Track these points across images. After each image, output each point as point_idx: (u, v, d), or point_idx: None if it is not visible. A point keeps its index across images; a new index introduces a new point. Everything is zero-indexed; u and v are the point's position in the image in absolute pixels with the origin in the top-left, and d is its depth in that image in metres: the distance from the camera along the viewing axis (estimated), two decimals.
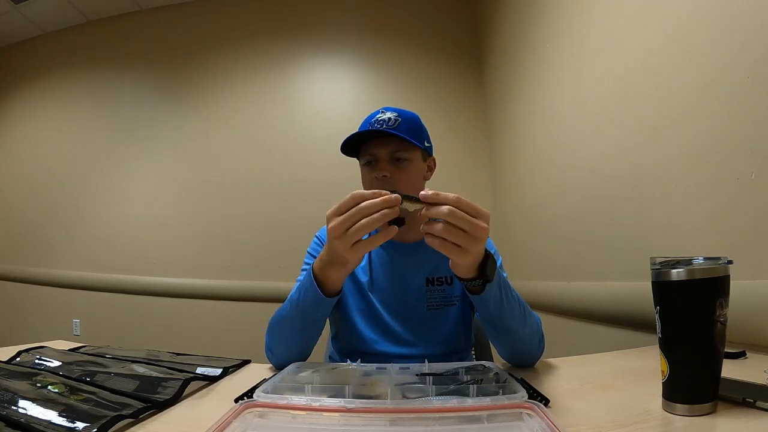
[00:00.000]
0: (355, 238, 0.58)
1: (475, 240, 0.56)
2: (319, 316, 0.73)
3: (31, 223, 3.18)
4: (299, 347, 0.76)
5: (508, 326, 0.71)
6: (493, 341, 0.78)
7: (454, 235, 0.55)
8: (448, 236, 0.55)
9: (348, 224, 0.57)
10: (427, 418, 0.45)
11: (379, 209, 0.57)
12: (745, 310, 0.75)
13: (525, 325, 0.72)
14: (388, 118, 0.85)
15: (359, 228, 0.57)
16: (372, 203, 0.57)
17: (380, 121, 0.85)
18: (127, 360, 0.75)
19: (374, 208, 0.57)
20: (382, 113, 0.86)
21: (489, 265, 0.63)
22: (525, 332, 0.73)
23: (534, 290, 1.79)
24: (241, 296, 2.62)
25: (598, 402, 0.55)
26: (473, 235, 0.55)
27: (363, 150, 0.88)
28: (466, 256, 0.57)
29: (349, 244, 0.58)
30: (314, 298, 0.69)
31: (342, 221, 0.58)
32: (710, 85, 0.91)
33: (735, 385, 0.52)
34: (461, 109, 2.60)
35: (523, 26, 1.92)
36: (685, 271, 0.47)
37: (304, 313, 0.72)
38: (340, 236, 0.58)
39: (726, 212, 0.88)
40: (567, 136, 1.56)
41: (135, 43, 3.10)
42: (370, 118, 0.87)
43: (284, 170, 2.70)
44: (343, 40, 2.78)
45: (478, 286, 0.64)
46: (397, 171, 0.85)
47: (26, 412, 0.49)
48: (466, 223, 0.55)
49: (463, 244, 0.56)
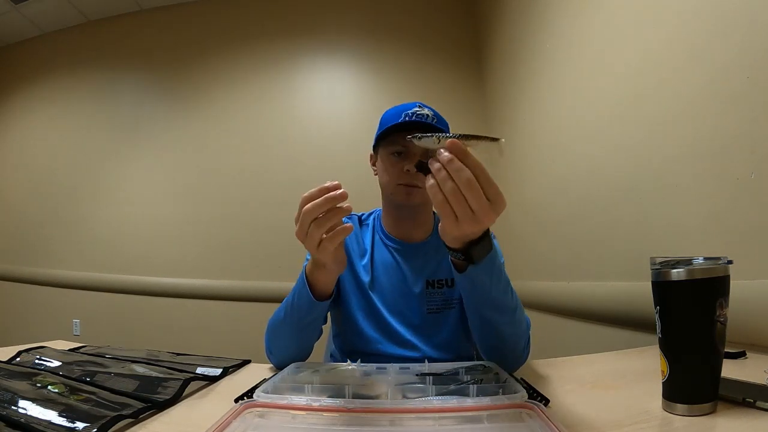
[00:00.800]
0: (314, 240, 0.58)
1: (474, 222, 0.51)
2: (312, 318, 0.73)
3: (31, 223, 3.18)
4: (297, 348, 0.75)
5: (489, 317, 0.66)
6: (473, 331, 0.72)
7: (461, 207, 0.50)
8: (454, 204, 0.50)
9: (304, 227, 0.57)
10: (427, 418, 0.45)
11: (324, 208, 0.56)
12: (745, 310, 0.75)
13: (512, 322, 0.67)
14: (427, 114, 0.83)
15: (312, 231, 0.57)
16: (313, 205, 0.56)
17: (419, 114, 0.83)
18: (127, 360, 0.75)
19: (318, 210, 0.56)
20: (420, 108, 0.84)
21: (479, 246, 0.57)
22: (510, 330, 0.68)
23: (534, 290, 1.79)
24: (241, 296, 2.62)
25: (598, 402, 0.55)
26: (477, 217, 0.50)
27: (392, 139, 0.85)
28: (457, 229, 0.52)
29: (313, 246, 0.58)
30: (307, 301, 0.69)
31: (299, 226, 0.58)
32: (710, 85, 0.91)
33: (735, 385, 0.52)
34: (461, 109, 2.60)
35: (523, 26, 1.92)
36: (685, 271, 0.47)
37: (299, 316, 0.72)
38: (303, 239, 0.59)
39: (726, 212, 0.88)
40: (567, 136, 1.56)
41: (135, 43, 3.10)
42: (406, 109, 0.84)
43: (284, 170, 2.70)
44: (343, 40, 2.78)
45: (459, 260, 0.60)
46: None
47: (26, 412, 0.49)
48: (477, 203, 0.49)
49: (461, 219, 0.51)
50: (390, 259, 0.91)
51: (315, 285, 0.69)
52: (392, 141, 0.85)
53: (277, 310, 0.77)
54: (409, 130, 0.81)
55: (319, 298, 0.69)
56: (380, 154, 0.89)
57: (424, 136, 0.52)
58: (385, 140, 0.86)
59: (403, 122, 0.82)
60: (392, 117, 0.85)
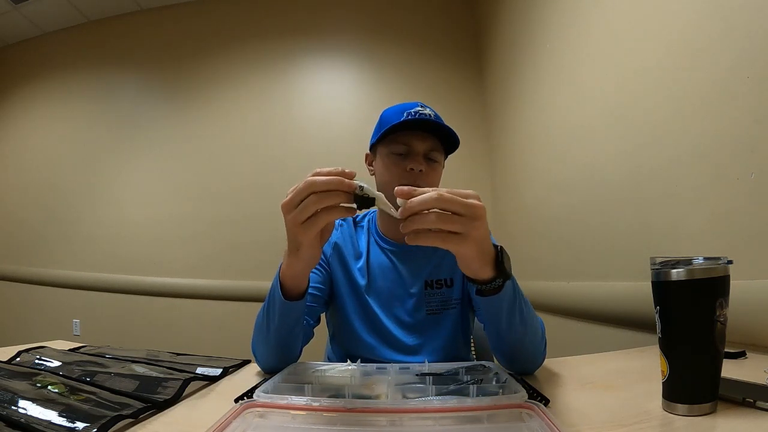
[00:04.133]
0: (303, 216, 0.52)
1: (474, 221, 0.49)
2: (287, 322, 0.67)
3: (31, 223, 3.18)
4: (278, 355, 0.70)
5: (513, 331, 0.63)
6: (496, 351, 0.70)
7: (450, 221, 0.48)
8: (444, 224, 0.48)
9: (297, 199, 0.53)
10: (427, 418, 0.45)
11: (332, 187, 0.51)
12: (745, 310, 0.75)
13: (534, 332, 0.65)
14: (429, 114, 0.81)
15: (309, 203, 0.52)
16: (323, 180, 0.51)
17: (422, 114, 0.80)
18: (127, 360, 0.75)
19: (325, 185, 0.51)
20: (422, 107, 0.82)
21: (505, 258, 0.56)
22: (531, 339, 0.66)
23: (534, 290, 1.79)
24: (242, 296, 2.62)
25: (598, 402, 0.54)
26: (471, 215, 0.49)
27: (394, 138, 0.83)
28: (467, 242, 0.50)
29: (298, 221, 0.53)
30: (280, 303, 0.64)
31: (292, 196, 0.53)
32: (710, 85, 0.91)
33: (735, 385, 0.52)
34: (461, 109, 2.60)
35: (523, 27, 1.92)
36: (685, 271, 0.47)
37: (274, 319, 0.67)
38: (290, 211, 0.54)
39: (726, 212, 0.88)
40: (567, 136, 1.56)
41: (135, 43, 3.10)
42: (408, 108, 0.82)
43: (284, 170, 2.70)
44: (343, 40, 2.78)
45: (497, 286, 0.57)
46: (429, 169, 0.82)
47: (26, 412, 0.49)
48: (460, 205, 0.48)
49: (462, 230, 0.49)
50: (386, 261, 0.89)
51: (285, 282, 0.64)
52: (394, 140, 0.83)
53: (258, 313, 0.72)
54: (412, 129, 0.81)
55: (289, 296, 0.64)
56: (380, 153, 0.86)
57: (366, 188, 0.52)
58: (387, 139, 0.84)
59: (406, 121, 0.79)
60: (393, 115, 0.82)
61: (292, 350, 0.71)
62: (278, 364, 0.69)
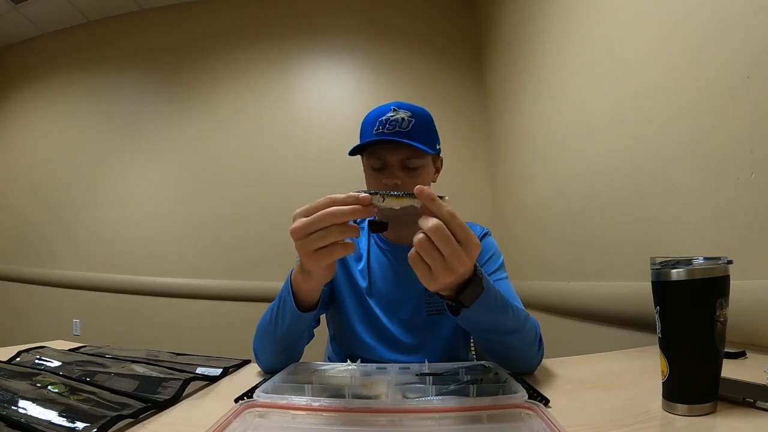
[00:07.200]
0: (317, 245, 0.50)
1: (448, 271, 0.48)
2: (295, 329, 0.68)
3: (31, 223, 3.18)
4: (282, 358, 0.70)
5: (497, 341, 0.65)
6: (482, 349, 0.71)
7: (430, 255, 0.48)
8: (423, 254, 0.48)
9: (313, 228, 0.50)
10: (427, 418, 0.45)
11: (348, 218, 0.50)
12: (745, 310, 0.75)
13: (520, 338, 0.65)
14: (401, 118, 0.77)
15: (319, 236, 0.50)
16: (339, 210, 0.49)
17: (392, 121, 0.77)
18: (127, 360, 0.75)
19: (341, 218, 0.49)
20: (394, 111, 0.78)
21: (468, 291, 0.54)
22: (520, 344, 0.66)
23: (534, 290, 1.79)
24: (241, 296, 2.62)
25: (598, 402, 0.54)
26: (449, 264, 0.48)
27: (371, 151, 0.81)
28: (432, 282, 0.50)
29: (310, 249, 0.51)
30: (291, 310, 0.64)
31: (307, 223, 0.50)
32: (710, 85, 0.91)
33: (735, 385, 0.52)
34: (461, 109, 2.60)
35: (524, 27, 1.92)
36: (685, 271, 0.47)
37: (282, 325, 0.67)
38: (301, 239, 0.51)
39: (726, 212, 0.88)
40: (567, 136, 1.56)
41: (135, 43, 3.10)
42: (380, 115, 0.79)
43: (284, 170, 2.70)
44: (343, 40, 2.78)
45: (452, 307, 0.57)
46: (408, 178, 0.80)
47: (26, 412, 0.49)
48: (448, 248, 0.47)
49: (434, 269, 0.48)
50: (386, 263, 0.90)
51: (298, 293, 0.63)
52: (371, 153, 0.81)
53: (264, 314, 0.72)
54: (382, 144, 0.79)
55: (302, 307, 0.64)
56: (363, 163, 0.86)
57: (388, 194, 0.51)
58: (365, 151, 0.83)
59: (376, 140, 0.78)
60: (368, 124, 0.81)
61: (296, 353, 0.73)
62: (281, 365, 0.69)
